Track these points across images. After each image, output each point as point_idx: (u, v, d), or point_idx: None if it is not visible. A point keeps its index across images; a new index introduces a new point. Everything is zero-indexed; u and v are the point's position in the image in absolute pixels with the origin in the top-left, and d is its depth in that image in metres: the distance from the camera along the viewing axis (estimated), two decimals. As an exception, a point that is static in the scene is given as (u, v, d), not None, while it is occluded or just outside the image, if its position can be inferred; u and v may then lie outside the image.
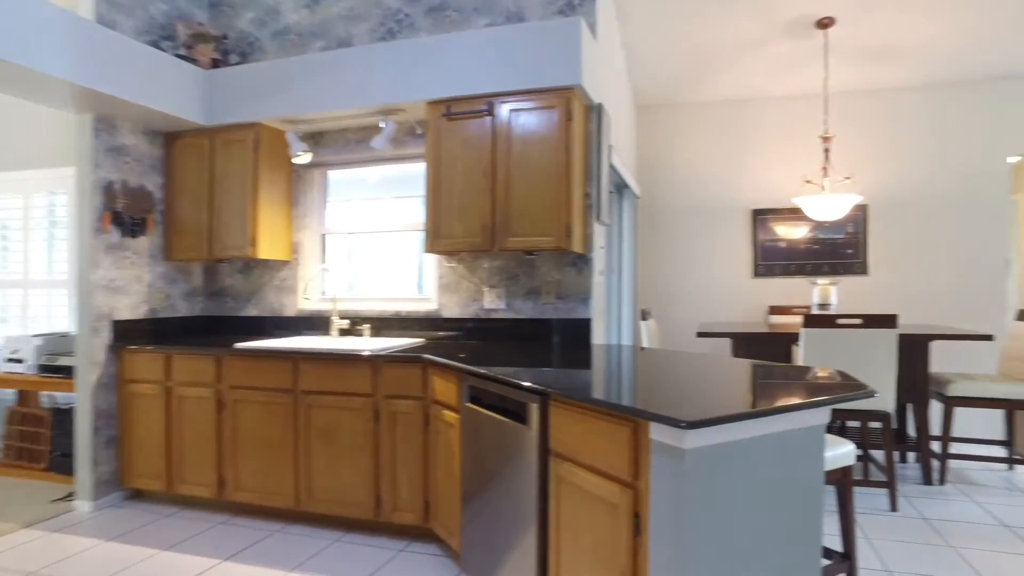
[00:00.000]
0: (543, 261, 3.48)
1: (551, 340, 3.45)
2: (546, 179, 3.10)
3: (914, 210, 4.87)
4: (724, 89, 5.02)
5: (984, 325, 4.77)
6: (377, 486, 3.07)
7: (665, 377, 2.15)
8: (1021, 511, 3.44)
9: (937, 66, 4.58)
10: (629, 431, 1.66)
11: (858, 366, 3.39)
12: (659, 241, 5.33)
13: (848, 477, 2.39)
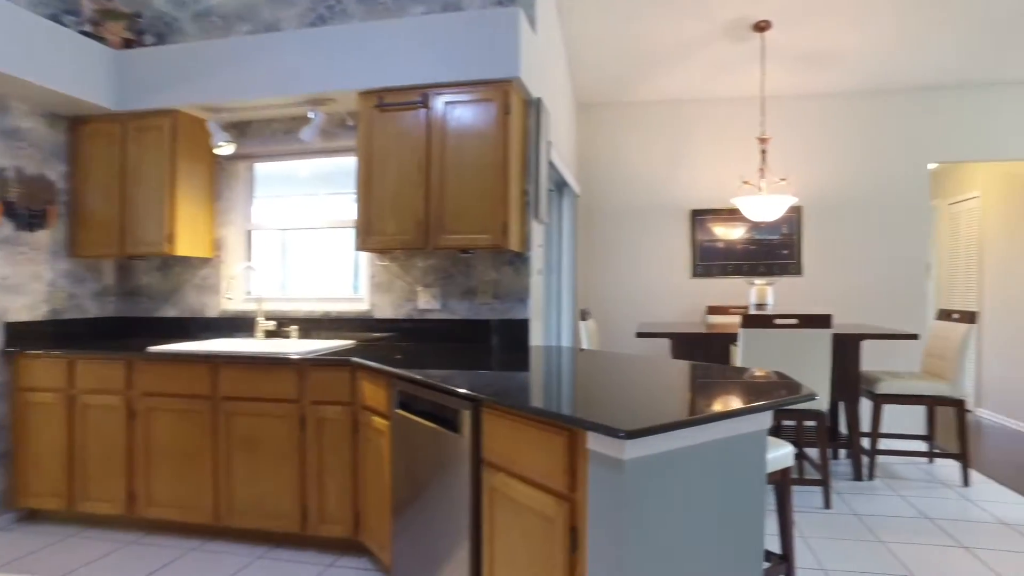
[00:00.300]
0: (479, 260, 3.36)
1: (488, 342, 3.33)
2: (482, 175, 2.99)
3: (844, 213, 5.00)
4: (664, 89, 5.03)
5: (908, 324, 4.93)
6: (303, 497, 2.89)
7: (604, 381, 2.06)
8: (941, 503, 3.54)
9: (866, 74, 4.70)
10: (565, 440, 1.56)
11: (794, 366, 3.41)
12: (599, 240, 5.29)
13: (787, 478, 2.37)
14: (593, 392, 1.87)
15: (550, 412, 1.57)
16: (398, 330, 3.46)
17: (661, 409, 1.57)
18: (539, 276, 3.54)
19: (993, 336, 5.91)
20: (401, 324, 3.46)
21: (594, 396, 1.79)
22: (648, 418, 1.46)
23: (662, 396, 1.76)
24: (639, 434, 1.35)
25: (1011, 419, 5.61)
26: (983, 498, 3.65)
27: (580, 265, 5.31)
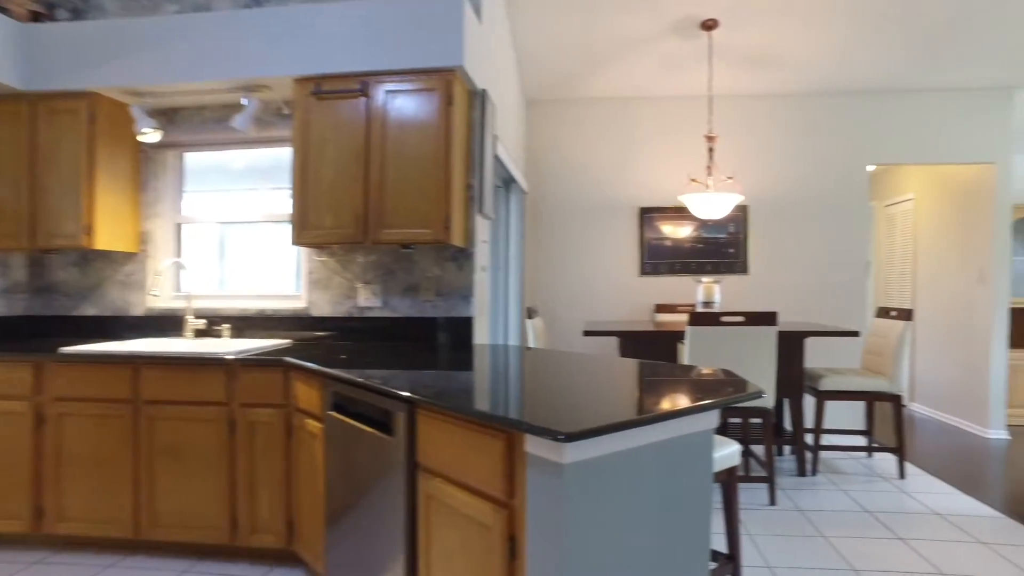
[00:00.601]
0: (422, 256, 3.24)
1: (430, 340, 3.22)
2: (424, 167, 2.88)
3: (788, 212, 5.06)
4: (613, 86, 5.00)
5: (849, 322, 5.03)
6: (233, 506, 2.72)
7: (547, 381, 1.98)
8: (879, 496, 3.60)
9: (809, 76, 4.76)
10: (503, 444, 1.47)
11: (741, 363, 3.41)
12: (547, 238, 5.23)
13: (733, 477, 2.34)
14: (535, 393, 1.78)
15: (486, 414, 1.48)
16: (337, 329, 3.31)
17: (605, 410, 1.49)
18: (484, 273, 3.44)
19: (926, 333, 6.11)
20: (340, 322, 3.31)
21: (536, 397, 1.71)
22: (590, 419, 1.38)
23: (607, 396, 1.69)
24: (579, 436, 1.26)
25: (941, 413, 5.80)
26: (918, 489, 3.73)
27: (528, 263, 5.24)
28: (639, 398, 1.68)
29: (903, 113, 5.01)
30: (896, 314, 4.08)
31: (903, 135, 5.02)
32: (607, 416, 1.41)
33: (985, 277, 5.18)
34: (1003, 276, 5.07)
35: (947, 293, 5.74)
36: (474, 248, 3.19)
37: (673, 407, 1.50)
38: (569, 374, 2.10)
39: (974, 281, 5.31)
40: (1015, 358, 5.53)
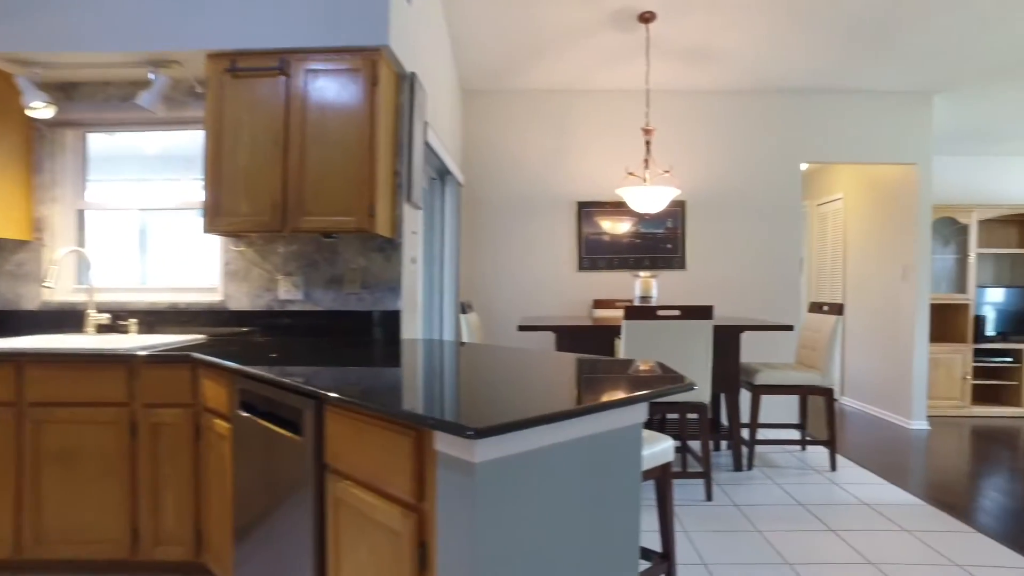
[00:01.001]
0: (346, 246, 3.07)
1: (355, 335, 3.05)
2: (347, 152, 2.71)
3: (725, 208, 5.09)
4: (551, 77, 4.91)
5: (784, 316, 5.10)
6: (134, 517, 2.49)
7: (472, 376, 1.86)
8: (812, 488, 3.63)
9: (745, 72, 4.80)
10: (412, 442, 1.33)
11: (677, 357, 3.37)
12: (483, 232, 5.11)
13: (667, 474, 2.27)
14: (456, 388, 1.65)
15: (392, 409, 1.34)
16: (256, 323, 3.10)
17: (526, 405, 1.38)
18: (414, 265, 3.29)
19: (855, 329, 6.29)
20: (259, 316, 3.10)
21: (456, 392, 1.58)
22: (508, 415, 1.26)
23: (531, 392, 1.57)
24: (490, 432, 1.14)
25: (869, 405, 5.97)
26: (848, 481, 3.78)
27: (464, 257, 5.11)
28: (565, 393, 1.57)
29: (834, 113, 5.11)
30: (828, 309, 4.13)
31: (833, 135, 5.12)
32: (526, 412, 1.29)
33: (908, 274, 5.34)
34: (925, 273, 5.23)
35: (874, 290, 5.91)
36: (402, 238, 3.04)
37: (596, 401, 1.39)
38: (496, 369, 1.98)
39: (899, 278, 5.48)
40: (934, 352, 5.73)
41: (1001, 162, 6.57)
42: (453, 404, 1.40)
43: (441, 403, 1.41)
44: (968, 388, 5.90)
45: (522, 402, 1.40)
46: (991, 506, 3.43)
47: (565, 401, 1.42)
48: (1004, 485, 3.80)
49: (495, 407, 1.34)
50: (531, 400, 1.43)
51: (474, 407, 1.35)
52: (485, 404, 1.38)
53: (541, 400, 1.43)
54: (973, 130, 5.85)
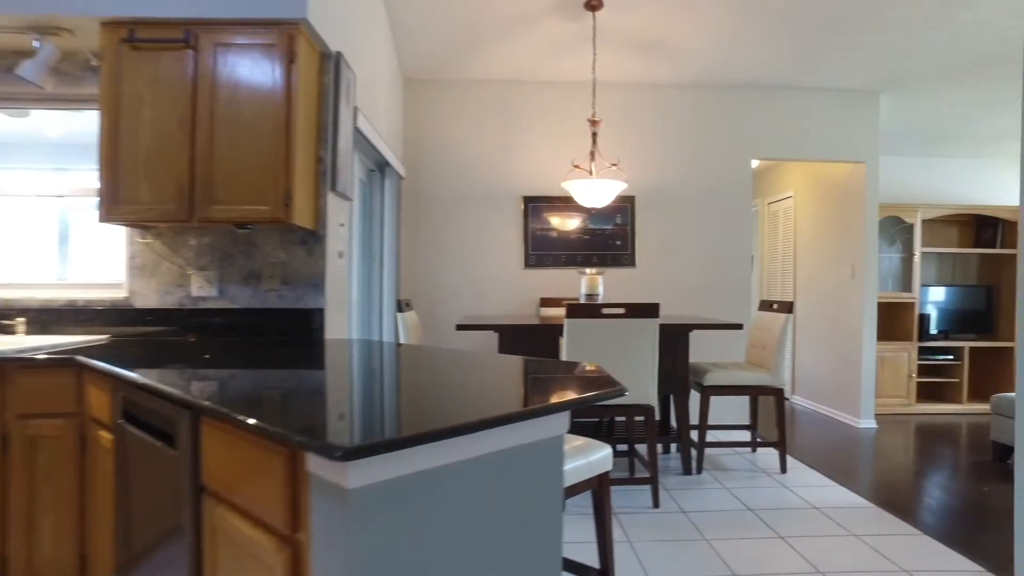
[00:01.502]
0: (265, 239, 2.82)
1: (274, 334, 2.80)
2: (261, 135, 2.47)
3: (675, 204, 4.98)
4: (496, 67, 4.72)
5: (735, 315, 5.01)
6: (2, 544, 2.20)
7: (384, 382, 1.65)
8: (761, 492, 3.52)
9: (694, 66, 4.69)
10: (285, 462, 1.12)
11: (623, 357, 3.21)
12: (426, 227, 4.89)
13: (605, 484, 2.09)
14: (362, 397, 1.44)
15: (260, 423, 1.12)
16: (165, 322, 2.83)
17: (432, 417, 1.18)
18: (341, 260, 3.06)
19: (805, 328, 6.27)
20: (169, 315, 2.83)
21: (359, 402, 1.37)
22: (403, 429, 1.05)
23: (446, 401, 1.37)
24: (364, 452, 0.94)
25: (819, 405, 5.96)
26: (798, 483, 3.69)
27: (405, 253, 4.88)
28: (481, 403, 1.37)
29: (784, 109, 5.06)
30: (778, 307, 4.04)
31: (783, 131, 5.07)
32: (424, 426, 1.09)
33: (857, 273, 5.33)
34: (872, 272, 5.22)
35: (824, 288, 5.90)
36: (325, 230, 2.80)
37: (504, 413, 1.20)
38: (414, 374, 1.78)
39: (847, 277, 5.46)
40: (881, 350, 5.74)
41: (944, 163, 6.65)
42: (344, 416, 1.19)
43: (329, 414, 1.20)
44: (913, 386, 5.93)
45: (429, 414, 1.20)
46: (937, 507, 3.37)
47: (477, 413, 1.22)
48: (949, 484, 3.76)
49: (393, 421, 1.14)
50: (439, 412, 1.23)
51: (370, 420, 1.15)
52: (384, 417, 1.18)
53: (453, 411, 1.23)
54: (918, 130, 5.89)
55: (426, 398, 1.36)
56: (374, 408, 1.27)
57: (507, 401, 1.31)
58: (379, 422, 1.12)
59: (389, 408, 1.25)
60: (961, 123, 5.64)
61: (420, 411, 1.21)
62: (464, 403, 1.31)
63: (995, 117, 5.49)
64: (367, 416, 1.19)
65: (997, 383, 6.22)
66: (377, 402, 1.32)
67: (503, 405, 1.26)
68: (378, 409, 1.25)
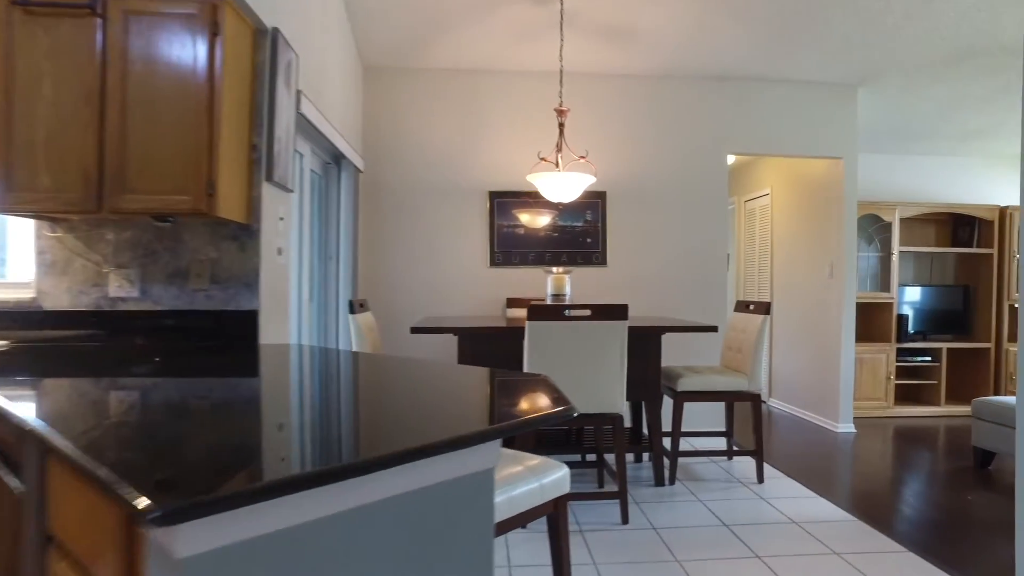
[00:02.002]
0: (193, 234, 2.53)
1: (203, 339, 2.52)
2: (180, 116, 2.19)
3: (647, 200, 4.77)
4: (460, 55, 4.47)
5: (710, 316, 4.82)
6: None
7: (289, 402, 1.39)
8: (737, 505, 3.31)
9: (667, 56, 4.48)
10: (119, 516, 0.86)
11: (588, 362, 2.98)
12: (386, 223, 4.62)
13: (561, 509, 1.85)
14: (246, 425, 1.18)
15: (82, 465, 0.86)
16: (80, 325, 2.53)
17: (316, 454, 0.92)
18: (280, 257, 2.78)
19: (783, 329, 6.11)
20: (83, 318, 2.53)
21: (239, 432, 1.11)
22: (262, 474, 0.80)
23: (345, 430, 1.12)
24: (182, 515, 0.68)
25: (797, 408, 5.79)
26: (776, 494, 3.49)
27: (365, 251, 4.60)
28: (389, 432, 1.12)
29: (760, 103, 4.87)
30: (754, 308, 3.85)
31: (759, 125, 4.88)
32: (282, 471, 0.83)
33: (835, 272, 5.17)
34: (850, 271, 5.07)
35: (802, 288, 5.74)
36: (260, 224, 2.53)
37: (400, 448, 0.94)
38: (330, 390, 1.52)
39: (825, 276, 5.30)
40: (859, 351, 5.59)
41: (921, 161, 6.54)
42: (200, 458, 0.93)
43: (182, 455, 0.94)
44: (892, 388, 5.80)
45: (312, 452, 0.95)
46: (920, 519, 3.19)
47: (371, 448, 0.97)
48: (931, 494, 3.59)
49: (258, 464, 0.88)
50: (327, 449, 0.98)
51: (228, 463, 0.89)
52: (250, 457, 0.92)
53: (346, 446, 0.98)
54: (894, 127, 5.76)
55: (323, 428, 1.11)
56: (249, 443, 1.02)
57: (422, 429, 1.07)
58: (238, 465, 0.86)
59: (270, 443, 0.99)
60: (937, 120, 5.52)
61: (304, 448, 0.96)
62: (369, 434, 1.06)
63: (971, 114, 5.37)
64: (232, 456, 0.94)
65: (974, 385, 6.12)
66: (255, 434, 1.06)
67: (411, 436, 1.01)
68: (253, 444, 0.99)
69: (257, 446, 0.98)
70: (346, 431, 1.06)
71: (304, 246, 3.73)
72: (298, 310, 3.71)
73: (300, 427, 1.11)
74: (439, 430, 1.03)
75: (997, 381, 6.02)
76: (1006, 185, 6.60)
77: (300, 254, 3.70)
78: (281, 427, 1.10)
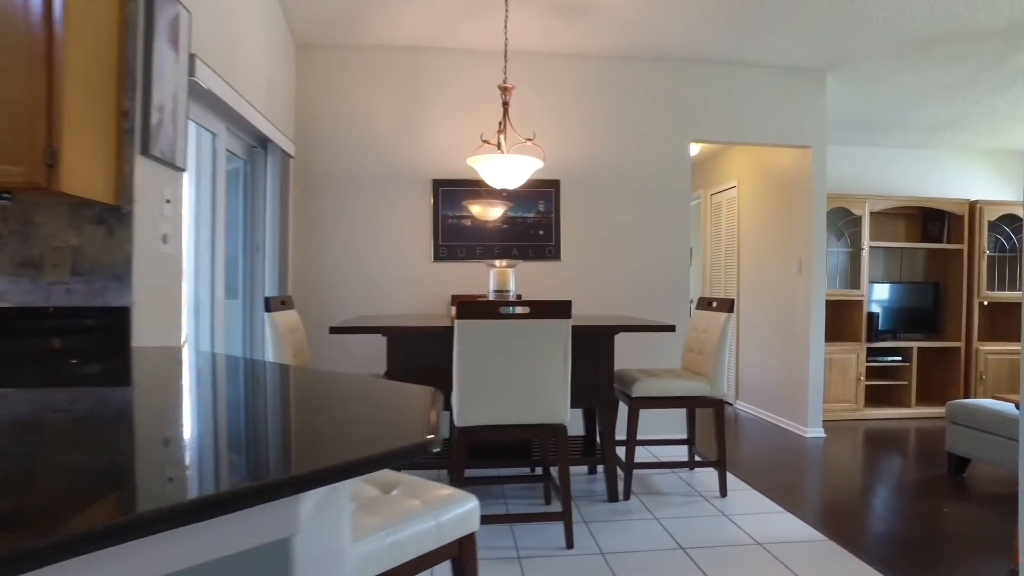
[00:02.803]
0: (48, 215, 2.13)
1: (63, 339, 2.11)
2: (8, 68, 1.78)
3: (605, 190, 4.45)
4: (401, 31, 4.09)
5: (672, 315, 4.51)
6: None
7: (82, 435, 1.02)
8: (697, 524, 2.99)
9: (626, 35, 4.15)
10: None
11: (527, 366, 2.63)
12: (320, 214, 4.22)
13: (468, 550, 1.50)
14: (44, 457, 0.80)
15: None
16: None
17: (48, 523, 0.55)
18: (167, 246, 2.38)
19: (750, 327, 5.84)
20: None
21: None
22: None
23: (110, 479, 0.75)
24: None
25: (764, 411, 5.53)
26: (739, 510, 3.19)
27: (297, 244, 4.20)
28: (193, 479, 0.76)
29: (725, 87, 4.58)
30: (717, 305, 3.54)
31: (724, 112, 4.59)
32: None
33: (804, 268, 4.91)
34: (820, 267, 4.81)
35: (769, 285, 5.47)
36: (133, 206, 2.13)
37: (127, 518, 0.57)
38: (147, 414, 1.15)
39: (794, 272, 5.04)
40: (828, 351, 5.35)
41: (889, 154, 6.34)
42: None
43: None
44: (862, 390, 5.57)
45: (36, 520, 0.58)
46: (895, 536, 2.91)
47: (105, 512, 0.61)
48: (906, 507, 3.32)
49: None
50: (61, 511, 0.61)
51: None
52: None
53: (95, 510, 0.61)
54: (863, 117, 5.53)
55: (86, 477, 0.74)
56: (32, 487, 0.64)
57: (237, 478, 0.71)
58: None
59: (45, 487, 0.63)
60: (907, 109, 5.30)
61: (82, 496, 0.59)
62: (145, 484, 0.70)
63: (941, 105, 5.16)
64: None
65: (944, 385, 5.92)
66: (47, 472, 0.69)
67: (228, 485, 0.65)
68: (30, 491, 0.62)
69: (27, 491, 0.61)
70: (104, 483, 0.70)
71: (219, 236, 3.33)
72: (210, 308, 3.31)
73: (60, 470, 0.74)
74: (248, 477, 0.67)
75: (967, 381, 5.83)
76: (976, 178, 6.44)
77: (214, 245, 3.31)
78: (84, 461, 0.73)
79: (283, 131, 3.94)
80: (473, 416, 2.60)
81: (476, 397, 2.59)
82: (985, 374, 5.76)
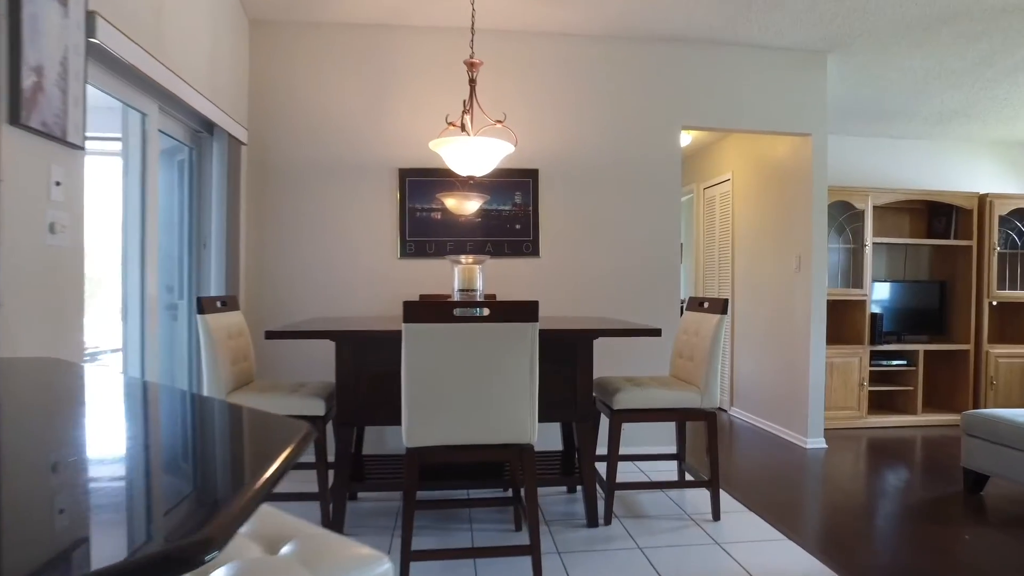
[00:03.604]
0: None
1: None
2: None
3: (587, 181, 4.08)
4: (364, 6, 3.72)
5: (660, 317, 4.15)
6: None
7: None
8: (686, 555, 2.63)
9: (611, 13, 3.78)
10: None
11: (488, 376, 2.26)
12: (277, 206, 3.86)
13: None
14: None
15: None
16: None
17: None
18: (54, 236, 2.01)
19: (744, 329, 5.49)
20: None
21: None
22: None
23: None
24: None
25: (761, 419, 5.18)
26: (734, 536, 2.83)
27: (250, 239, 3.83)
28: None
29: (717, 70, 4.22)
30: (709, 306, 3.18)
31: (717, 96, 4.23)
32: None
33: (803, 265, 4.56)
34: (820, 264, 4.45)
35: (766, 284, 5.12)
36: (0, 186, 1.76)
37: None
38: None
39: (792, 270, 4.69)
40: (829, 355, 5.00)
41: (892, 145, 6.00)
42: None
43: None
44: (865, 396, 5.22)
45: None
46: (910, 568, 2.56)
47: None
48: (921, 534, 2.97)
49: None
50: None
51: None
52: None
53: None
54: (868, 103, 5.18)
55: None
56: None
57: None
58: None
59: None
60: (913, 95, 4.95)
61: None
62: None
63: (949, 91, 4.82)
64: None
65: (952, 391, 5.58)
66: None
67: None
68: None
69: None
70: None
71: (151, 229, 2.97)
72: (140, 311, 2.94)
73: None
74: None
75: (976, 387, 5.49)
76: (986, 171, 6.10)
77: (144, 239, 2.94)
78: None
79: (231, 115, 3.58)
80: (424, 436, 2.23)
81: (428, 414, 2.22)
82: (996, 379, 5.42)
